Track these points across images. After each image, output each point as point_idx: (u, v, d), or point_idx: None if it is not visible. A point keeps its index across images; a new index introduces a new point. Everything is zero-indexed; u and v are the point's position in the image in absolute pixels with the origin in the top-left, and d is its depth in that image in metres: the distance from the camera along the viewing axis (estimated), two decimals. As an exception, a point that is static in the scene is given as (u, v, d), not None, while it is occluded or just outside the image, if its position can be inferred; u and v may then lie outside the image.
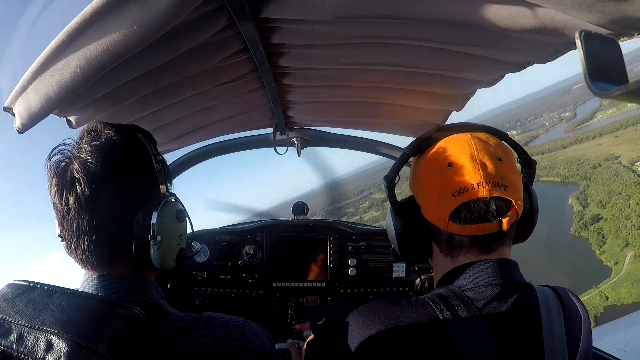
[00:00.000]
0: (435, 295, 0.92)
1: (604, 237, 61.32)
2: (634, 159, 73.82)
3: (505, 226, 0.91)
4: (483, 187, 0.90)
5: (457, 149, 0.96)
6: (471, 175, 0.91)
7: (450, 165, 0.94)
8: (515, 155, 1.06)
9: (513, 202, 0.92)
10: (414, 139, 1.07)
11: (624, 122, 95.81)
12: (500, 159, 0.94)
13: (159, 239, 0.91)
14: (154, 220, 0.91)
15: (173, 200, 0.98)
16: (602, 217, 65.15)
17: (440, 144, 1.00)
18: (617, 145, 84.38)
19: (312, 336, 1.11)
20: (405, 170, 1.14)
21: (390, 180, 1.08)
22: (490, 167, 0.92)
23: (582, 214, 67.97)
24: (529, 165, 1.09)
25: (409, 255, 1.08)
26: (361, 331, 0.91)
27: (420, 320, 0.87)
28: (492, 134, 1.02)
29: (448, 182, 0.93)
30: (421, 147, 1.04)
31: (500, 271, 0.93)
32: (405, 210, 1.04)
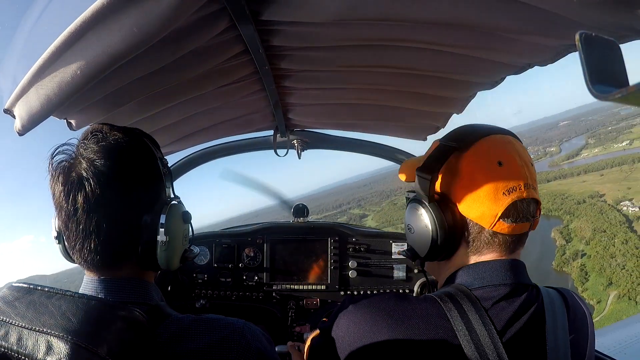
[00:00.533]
0: (444, 293, 0.92)
1: (587, 274, 60.53)
2: (619, 199, 73.14)
3: (534, 226, 0.96)
4: (527, 188, 0.93)
5: (505, 148, 0.97)
6: (520, 175, 0.93)
7: (500, 163, 0.94)
8: None
9: (540, 203, 0.97)
10: (449, 132, 1.05)
11: (610, 161, 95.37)
12: (532, 163, 0.98)
13: (167, 239, 0.93)
14: (162, 221, 0.93)
15: (178, 202, 1.01)
16: (585, 254, 64.66)
17: (484, 142, 0.98)
18: (602, 184, 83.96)
19: (317, 331, 1.09)
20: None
21: (436, 174, 0.99)
22: (531, 168, 0.96)
23: (565, 248, 67.75)
24: None
25: (436, 254, 1.01)
26: (370, 326, 0.91)
27: (428, 317, 0.88)
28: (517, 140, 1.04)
29: (500, 180, 0.93)
30: (464, 142, 0.99)
31: (512, 271, 0.94)
32: (444, 208, 0.98)
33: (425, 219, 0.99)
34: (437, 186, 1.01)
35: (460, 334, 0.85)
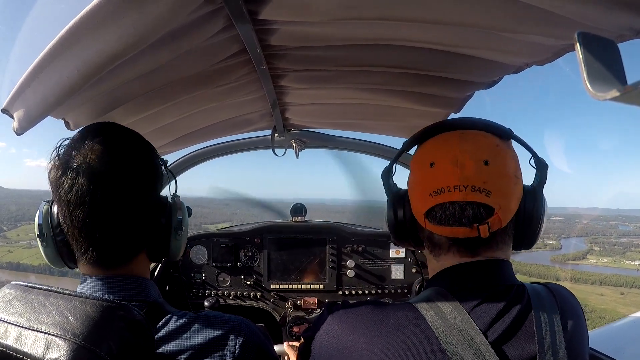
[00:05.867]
0: (422, 299, 0.90)
1: None
2: (656, 336, 66.09)
3: (483, 233, 0.88)
4: (459, 191, 0.88)
5: (442, 149, 0.96)
6: (448, 177, 0.90)
7: (432, 164, 0.94)
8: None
9: (496, 209, 0.89)
10: (433, 125, 1.07)
11: (628, 280, 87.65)
12: (486, 162, 0.90)
13: (183, 230, 1.03)
14: (180, 217, 1.03)
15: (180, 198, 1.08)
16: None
17: (430, 141, 1.03)
18: (625, 306, 76.10)
19: (302, 340, 1.10)
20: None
21: (386, 171, 1.17)
22: (471, 170, 0.89)
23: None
24: (539, 167, 1.01)
25: (401, 242, 1.14)
26: (347, 336, 0.89)
27: (407, 324, 0.85)
28: (492, 133, 0.98)
29: (428, 181, 0.95)
30: (416, 142, 1.10)
31: (489, 273, 0.92)
32: (398, 201, 1.09)
33: (386, 210, 1.12)
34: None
35: (443, 338, 0.81)
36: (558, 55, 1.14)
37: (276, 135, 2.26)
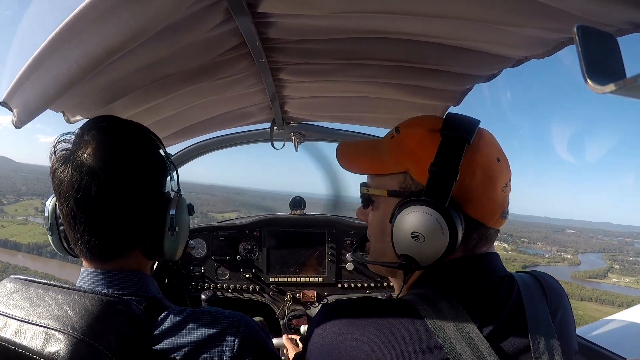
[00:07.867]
0: (417, 295, 0.88)
1: None
2: None
3: None
4: (510, 183, 0.94)
5: (497, 143, 0.96)
6: (509, 171, 0.94)
7: (498, 159, 0.92)
8: None
9: None
10: (445, 122, 0.92)
11: None
12: None
13: (177, 229, 0.98)
14: (172, 212, 0.97)
15: (182, 195, 1.04)
16: None
17: (481, 135, 0.93)
18: None
19: (300, 344, 1.09)
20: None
21: (457, 173, 0.86)
22: None
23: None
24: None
25: (438, 262, 0.89)
26: (343, 335, 0.87)
27: (404, 321, 0.84)
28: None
29: (499, 177, 0.91)
30: (469, 135, 0.88)
31: (484, 266, 0.92)
32: (456, 210, 0.87)
33: (442, 226, 0.85)
34: None
35: (439, 333, 0.80)
36: (557, 48, 1.14)
37: (275, 128, 2.26)
